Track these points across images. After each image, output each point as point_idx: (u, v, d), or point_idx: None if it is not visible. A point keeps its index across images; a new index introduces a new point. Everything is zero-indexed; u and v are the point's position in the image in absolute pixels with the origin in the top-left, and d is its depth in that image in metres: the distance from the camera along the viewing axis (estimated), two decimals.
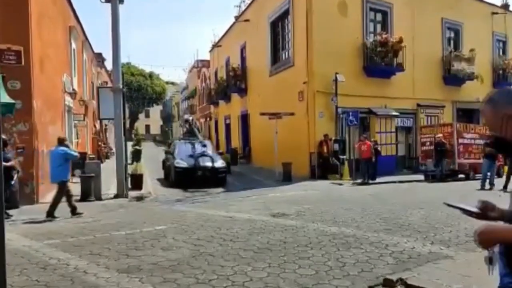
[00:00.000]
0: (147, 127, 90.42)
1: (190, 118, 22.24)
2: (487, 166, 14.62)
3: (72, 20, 20.28)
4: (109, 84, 35.00)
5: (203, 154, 17.46)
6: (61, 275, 5.51)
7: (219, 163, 17.44)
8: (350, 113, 18.39)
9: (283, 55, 22.43)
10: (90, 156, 20.68)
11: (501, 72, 25.13)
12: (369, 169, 16.88)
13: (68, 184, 10.72)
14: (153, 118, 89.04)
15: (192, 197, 13.82)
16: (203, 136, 23.35)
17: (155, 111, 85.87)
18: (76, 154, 11.29)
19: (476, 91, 23.40)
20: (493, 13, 24.94)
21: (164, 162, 20.22)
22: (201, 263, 6.04)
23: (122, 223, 9.23)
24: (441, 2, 22.13)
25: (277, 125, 18.64)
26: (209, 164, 16.96)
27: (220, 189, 15.82)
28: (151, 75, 67.96)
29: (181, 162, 16.90)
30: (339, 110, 18.48)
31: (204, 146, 18.92)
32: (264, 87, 23.61)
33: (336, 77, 17.95)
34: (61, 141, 11.00)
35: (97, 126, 32.84)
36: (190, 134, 20.78)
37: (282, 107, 19.45)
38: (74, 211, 10.26)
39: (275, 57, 23.00)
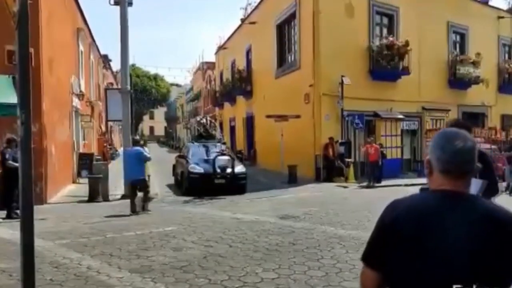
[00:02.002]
0: (151, 129, 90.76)
1: (204, 120, 20.57)
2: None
3: (80, 22, 20.43)
4: (115, 86, 35.26)
5: (220, 158, 15.35)
6: (75, 275, 5.60)
7: (239, 168, 15.54)
8: (356, 116, 18.42)
9: (289, 57, 22.49)
10: (97, 157, 20.77)
11: (506, 76, 25.06)
12: (375, 172, 16.91)
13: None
14: (158, 120, 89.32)
15: (199, 198, 13.81)
16: (222, 136, 21.37)
17: (160, 112, 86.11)
18: (149, 156, 11.79)
19: (482, 95, 23.46)
20: (499, 17, 24.92)
21: (174, 167, 18.60)
22: (212, 263, 6.12)
23: (131, 224, 9.32)
24: (447, 5, 22.14)
25: (283, 128, 18.68)
26: (228, 169, 14.99)
27: (239, 197, 14.21)
28: (155, 77, 68.16)
29: (197, 168, 14.97)
30: (345, 113, 18.52)
31: (221, 148, 17.12)
32: (270, 90, 23.67)
33: (342, 80, 17.98)
34: (136, 142, 12.10)
35: (103, 127, 32.99)
36: (205, 136, 18.63)
37: (288, 109, 19.50)
38: (135, 209, 10.81)
39: (281, 60, 23.06)
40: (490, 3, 25.79)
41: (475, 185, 3.38)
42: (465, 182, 1.62)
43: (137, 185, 11.08)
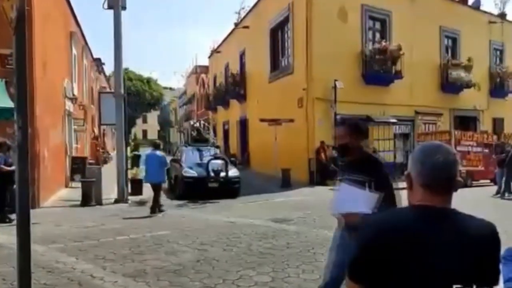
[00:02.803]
0: (145, 132, 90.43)
1: (197, 124, 20.64)
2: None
3: (73, 25, 20.38)
4: (108, 89, 35.14)
5: (214, 162, 15.30)
6: (69, 279, 5.59)
7: (233, 171, 15.53)
8: None
9: (283, 62, 22.57)
10: (90, 161, 20.70)
11: (498, 80, 25.32)
12: None
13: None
14: (151, 123, 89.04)
15: (193, 202, 13.81)
16: (215, 139, 21.67)
17: (153, 116, 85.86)
18: (168, 162, 12.44)
19: (474, 99, 23.66)
20: (490, 22, 25.18)
21: (168, 171, 18.96)
22: (206, 267, 6.13)
23: (125, 227, 9.30)
24: (439, 10, 22.33)
25: (276, 132, 18.72)
26: (222, 173, 14.94)
27: (233, 200, 14.29)
28: (149, 80, 67.99)
29: (190, 172, 14.97)
30: (338, 116, 18.56)
31: (215, 152, 17.13)
32: (263, 94, 23.73)
33: (335, 84, 18.07)
34: (157, 146, 12.53)
35: (96, 131, 32.87)
36: (198, 140, 18.72)
37: (281, 113, 19.56)
38: (160, 208, 11.42)
39: (275, 64, 23.12)
40: (482, 8, 26.02)
41: (365, 199, 3.17)
42: (446, 197, 1.59)
43: (157, 187, 11.56)
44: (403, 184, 1.80)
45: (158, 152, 11.97)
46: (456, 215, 1.59)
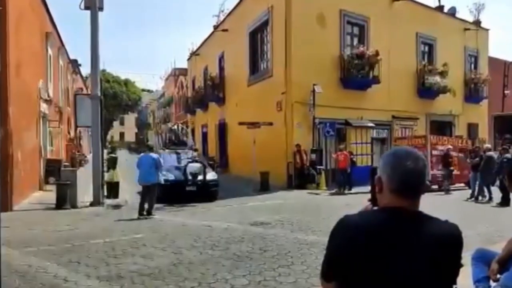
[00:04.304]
0: (122, 135, 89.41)
1: (175, 126, 20.62)
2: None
3: (49, 25, 20.06)
4: (84, 91, 34.70)
5: (191, 165, 15.25)
6: (41, 283, 5.46)
7: (211, 175, 15.47)
8: (327, 124, 18.64)
9: (262, 65, 22.59)
10: (65, 163, 20.35)
11: (472, 86, 25.85)
12: (345, 179, 17.09)
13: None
14: (128, 126, 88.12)
15: (170, 206, 13.71)
16: (194, 143, 21.87)
17: (130, 118, 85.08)
18: (162, 164, 12.39)
19: (449, 105, 24.09)
20: (465, 29, 25.72)
21: None
22: (182, 270, 6.07)
23: (100, 231, 9.15)
24: (416, 17, 22.71)
25: (255, 135, 18.73)
26: (199, 176, 14.88)
27: (210, 204, 14.13)
28: (126, 82, 67.34)
29: (168, 175, 14.63)
30: (317, 120, 18.70)
31: (193, 155, 17.19)
32: (242, 97, 23.71)
33: (313, 88, 18.18)
34: (151, 148, 13.09)
35: (72, 133, 32.37)
36: (175, 143, 18.80)
37: (260, 117, 19.56)
38: (150, 212, 11.51)
39: (254, 67, 23.14)
40: (457, 15, 26.53)
41: None
42: (415, 201, 1.65)
43: (149, 188, 11.60)
44: None
45: (152, 154, 12.11)
46: (422, 217, 1.64)
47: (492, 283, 3.38)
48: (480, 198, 14.39)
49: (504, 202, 13.08)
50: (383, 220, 1.62)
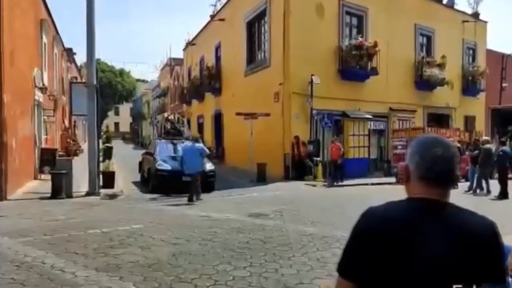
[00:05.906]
0: (117, 125, 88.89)
1: (172, 116, 20.46)
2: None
3: (44, 13, 19.74)
4: (79, 80, 34.34)
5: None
6: (38, 273, 5.33)
7: (208, 165, 14.98)
8: (325, 115, 18.50)
9: (259, 55, 22.39)
10: (60, 152, 20.13)
11: (470, 78, 25.76)
12: (336, 170, 16.95)
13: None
14: (123, 116, 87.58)
15: (166, 196, 13.60)
16: (190, 132, 21.64)
17: (125, 108, 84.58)
18: (208, 152, 13.81)
19: (446, 97, 24.03)
20: (464, 21, 25.58)
21: (140, 164, 18.37)
22: (182, 262, 5.97)
23: (97, 221, 9.01)
24: (415, 8, 22.56)
25: (252, 126, 18.59)
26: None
27: (208, 195, 13.75)
28: (121, 72, 66.94)
29: (164, 165, 14.72)
30: (314, 111, 18.58)
31: (190, 145, 17.23)
32: (239, 87, 23.53)
33: (311, 79, 18.04)
34: (196, 139, 14.13)
35: (66, 122, 32.10)
36: (172, 133, 18.54)
37: (257, 107, 19.42)
38: (198, 197, 12.46)
39: (251, 58, 22.93)
40: (456, 7, 26.40)
41: None
42: (444, 191, 1.56)
43: (197, 176, 12.55)
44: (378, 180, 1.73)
45: (198, 144, 13.17)
46: (453, 208, 1.55)
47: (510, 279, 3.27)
48: (478, 191, 14.36)
49: (502, 195, 13.07)
50: (409, 211, 1.54)
